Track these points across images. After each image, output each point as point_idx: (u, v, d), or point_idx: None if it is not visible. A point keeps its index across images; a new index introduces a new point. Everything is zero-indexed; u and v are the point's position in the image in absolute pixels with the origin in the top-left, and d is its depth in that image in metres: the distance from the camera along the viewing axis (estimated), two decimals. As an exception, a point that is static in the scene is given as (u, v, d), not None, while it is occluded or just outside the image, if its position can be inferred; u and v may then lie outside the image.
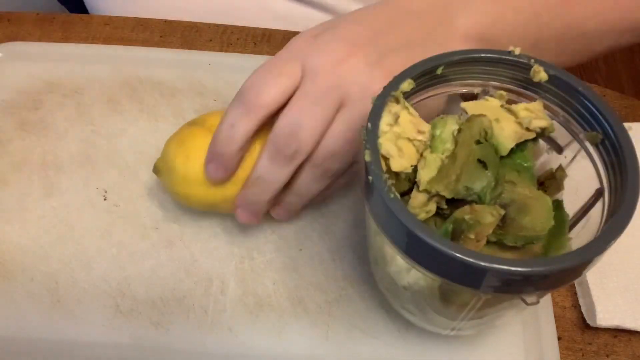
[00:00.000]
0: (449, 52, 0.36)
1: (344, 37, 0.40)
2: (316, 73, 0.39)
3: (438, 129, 0.36)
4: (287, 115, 0.39)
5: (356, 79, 0.39)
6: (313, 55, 0.40)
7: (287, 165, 0.40)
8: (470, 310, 0.35)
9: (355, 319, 0.44)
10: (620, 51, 1.52)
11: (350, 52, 0.39)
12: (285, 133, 0.39)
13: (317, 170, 0.41)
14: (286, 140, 0.39)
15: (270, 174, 0.40)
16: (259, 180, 0.41)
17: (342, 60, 0.39)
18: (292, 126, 0.39)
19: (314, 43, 0.40)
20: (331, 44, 0.40)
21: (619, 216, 0.30)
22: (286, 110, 0.39)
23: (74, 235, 0.46)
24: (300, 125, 0.39)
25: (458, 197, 0.35)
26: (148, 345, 0.42)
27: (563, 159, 0.38)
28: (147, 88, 0.54)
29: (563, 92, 0.36)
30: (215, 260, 0.46)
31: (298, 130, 0.39)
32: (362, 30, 0.41)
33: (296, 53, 0.40)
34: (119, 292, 0.44)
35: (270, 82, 0.39)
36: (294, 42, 0.41)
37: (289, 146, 0.39)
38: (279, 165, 0.40)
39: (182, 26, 0.60)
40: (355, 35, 0.40)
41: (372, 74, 0.39)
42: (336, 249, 0.46)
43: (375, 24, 0.41)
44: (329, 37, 0.40)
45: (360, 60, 0.39)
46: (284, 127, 0.39)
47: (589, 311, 0.44)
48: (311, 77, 0.39)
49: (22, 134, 0.51)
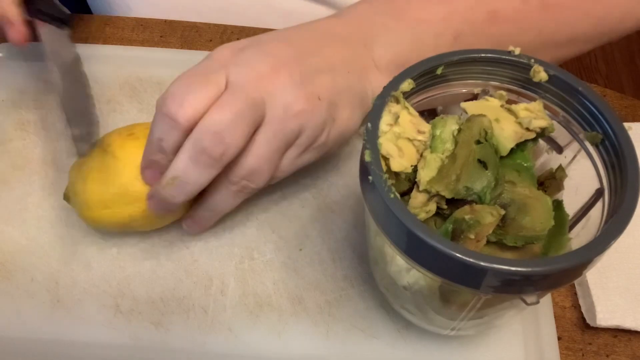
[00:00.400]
0: (449, 52, 0.36)
1: (270, 53, 0.40)
2: (241, 85, 0.38)
3: (438, 129, 0.36)
4: (213, 117, 0.37)
5: (279, 98, 0.38)
6: (238, 66, 0.38)
7: (209, 167, 0.38)
8: (470, 310, 0.35)
9: (355, 319, 0.44)
10: (620, 51, 1.53)
11: (274, 69, 0.39)
12: (211, 132, 0.37)
13: (233, 187, 0.40)
14: (212, 140, 0.37)
15: (190, 176, 0.38)
16: (176, 181, 0.38)
17: (266, 76, 0.38)
18: (218, 127, 0.37)
19: (239, 55, 0.39)
20: (256, 57, 0.39)
21: (619, 216, 0.30)
22: (211, 112, 0.37)
23: (74, 235, 0.46)
24: (226, 130, 0.37)
25: (458, 197, 0.35)
26: (148, 345, 0.42)
27: (563, 159, 0.38)
28: (147, 88, 0.54)
29: (563, 92, 0.36)
30: (215, 260, 0.46)
31: (224, 133, 0.37)
32: (288, 49, 0.40)
33: (221, 63, 0.39)
34: (119, 292, 0.44)
35: (195, 91, 0.37)
36: (218, 52, 0.40)
37: (215, 147, 0.37)
38: (201, 167, 0.38)
39: (182, 26, 0.60)
40: (281, 53, 0.40)
41: (296, 93, 0.39)
42: (336, 249, 0.46)
43: (300, 44, 0.41)
44: (254, 51, 0.39)
45: (285, 78, 0.39)
46: (210, 126, 0.37)
47: (589, 311, 0.44)
48: (235, 88, 0.38)
49: (22, 134, 0.52)
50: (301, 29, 0.43)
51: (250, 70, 0.38)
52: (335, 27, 0.43)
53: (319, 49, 0.41)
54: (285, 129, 0.39)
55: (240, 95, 0.37)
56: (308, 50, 0.41)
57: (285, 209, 0.48)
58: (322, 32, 0.43)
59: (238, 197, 0.42)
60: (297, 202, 0.48)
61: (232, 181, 0.40)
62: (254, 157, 0.39)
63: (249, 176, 0.40)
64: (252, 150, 0.39)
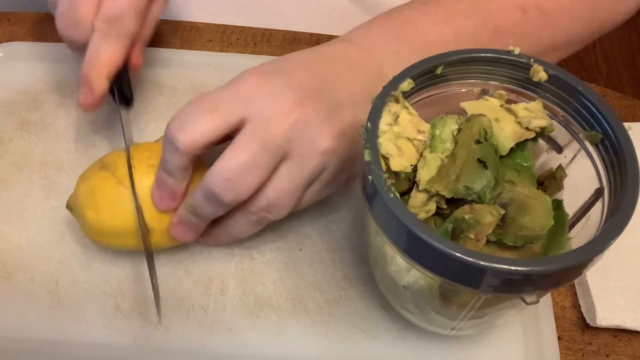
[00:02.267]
0: (449, 52, 0.36)
1: (294, 84, 0.39)
2: (265, 119, 0.37)
3: (438, 128, 0.36)
4: (228, 160, 0.37)
5: (305, 135, 0.38)
6: (263, 99, 0.38)
7: (221, 207, 0.39)
8: (470, 310, 0.35)
9: (355, 318, 0.44)
10: (621, 51, 1.53)
11: (300, 103, 0.38)
12: (222, 178, 0.37)
13: (252, 217, 0.40)
14: (223, 186, 0.37)
15: (204, 210, 0.39)
16: (192, 209, 0.40)
17: (292, 112, 0.37)
18: (232, 173, 0.37)
19: (263, 84, 0.38)
20: (283, 91, 0.38)
21: (619, 216, 0.30)
22: (228, 153, 0.37)
23: (74, 235, 0.46)
24: (241, 174, 0.37)
25: (458, 196, 0.35)
26: (148, 345, 0.42)
27: (563, 159, 0.38)
28: (147, 88, 0.54)
29: (563, 91, 0.36)
30: (215, 260, 0.46)
31: (235, 180, 0.37)
32: (311, 79, 0.39)
33: (243, 93, 0.38)
34: (119, 292, 0.44)
35: (198, 119, 0.37)
36: (243, 79, 0.39)
37: (226, 193, 0.37)
38: (215, 205, 0.39)
39: (182, 26, 0.60)
40: (306, 83, 0.39)
41: (321, 130, 0.38)
42: (336, 249, 0.46)
43: (321, 73, 0.40)
44: (280, 84, 0.38)
45: (311, 114, 0.38)
46: (223, 172, 0.37)
47: (589, 311, 0.44)
48: (259, 122, 0.37)
49: (22, 134, 0.52)
50: (318, 55, 0.42)
51: (276, 105, 0.38)
52: (348, 52, 0.43)
53: (340, 79, 0.41)
54: (310, 166, 0.38)
55: (260, 135, 0.37)
56: (328, 80, 0.40)
57: (285, 209, 0.48)
58: (340, 59, 0.42)
59: (255, 226, 0.42)
60: (297, 202, 0.48)
61: (251, 211, 0.40)
62: (275, 190, 0.39)
63: (268, 208, 0.39)
64: (274, 184, 0.38)
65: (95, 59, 0.45)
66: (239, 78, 0.40)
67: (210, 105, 0.38)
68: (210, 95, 0.39)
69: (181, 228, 0.42)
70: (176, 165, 0.39)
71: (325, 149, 0.38)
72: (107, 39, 0.45)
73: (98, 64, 0.45)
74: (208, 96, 0.39)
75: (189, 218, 0.41)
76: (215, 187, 0.37)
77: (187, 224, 0.41)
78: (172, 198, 0.41)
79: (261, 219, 0.40)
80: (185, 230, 0.42)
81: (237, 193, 0.37)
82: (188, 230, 0.42)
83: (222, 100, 0.38)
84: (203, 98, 0.38)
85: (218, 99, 0.38)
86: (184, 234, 0.42)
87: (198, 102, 0.38)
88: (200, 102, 0.38)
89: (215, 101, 0.38)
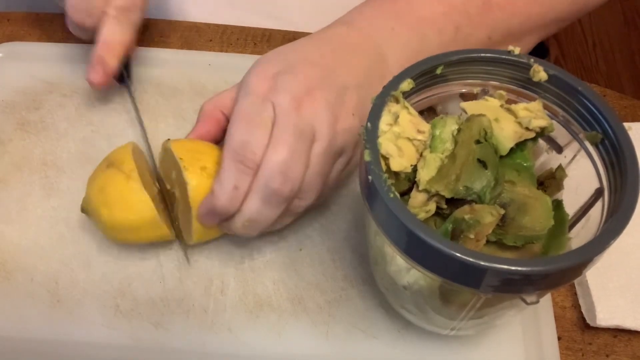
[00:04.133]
0: (449, 52, 0.36)
1: (302, 77, 0.41)
2: (286, 117, 0.39)
3: (438, 128, 0.36)
4: (273, 158, 0.39)
5: (322, 118, 0.40)
6: (279, 96, 0.40)
7: (281, 204, 0.40)
8: (470, 310, 0.35)
9: (355, 318, 0.44)
10: (621, 51, 1.53)
11: (310, 93, 0.40)
12: (277, 173, 0.39)
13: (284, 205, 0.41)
14: (280, 180, 0.39)
15: (265, 216, 0.40)
16: (251, 223, 0.41)
17: (305, 102, 0.40)
18: (282, 167, 0.39)
19: (276, 83, 0.41)
20: (292, 83, 0.41)
21: (619, 216, 0.30)
22: (269, 154, 0.39)
23: (74, 235, 0.46)
24: (289, 168, 0.39)
25: (458, 196, 0.35)
26: (148, 345, 0.42)
27: (563, 159, 0.38)
28: (147, 88, 0.54)
29: (563, 91, 0.36)
30: (215, 260, 0.46)
31: (288, 171, 0.39)
32: (316, 69, 0.42)
33: (264, 95, 0.40)
34: (119, 292, 0.44)
35: (260, 135, 0.39)
36: (253, 83, 0.41)
37: (284, 186, 0.39)
38: (274, 206, 0.40)
39: (182, 26, 0.60)
40: (312, 74, 0.41)
41: (334, 113, 0.41)
42: (336, 249, 0.46)
43: (324, 62, 0.43)
44: (288, 78, 0.41)
45: (322, 101, 0.40)
46: (275, 167, 0.39)
47: (589, 311, 0.44)
48: (283, 122, 0.39)
49: (22, 134, 0.52)
50: (319, 42, 0.44)
51: (290, 100, 0.40)
52: (348, 37, 0.45)
53: (342, 65, 0.43)
54: (331, 146, 0.41)
55: (289, 128, 0.39)
56: (332, 68, 0.42)
57: (285, 209, 0.48)
58: (338, 45, 0.44)
59: (287, 217, 0.43)
60: (297, 202, 0.48)
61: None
62: (311, 174, 0.40)
63: (301, 193, 0.41)
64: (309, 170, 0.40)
65: (110, 42, 0.50)
66: (250, 83, 0.41)
67: (257, 119, 0.40)
68: (246, 112, 0.40)
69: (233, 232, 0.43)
70: (247, 187, 0.40)
71: (344, 128, 0.41)
72: (120, 25, 0.50)
73: (113, 46, 0.50)
74: (245, 113, 0.40)
75: (245, 234, 0.42)
76: (275, 184, 0.39)
77: (242, 236, 0.43)
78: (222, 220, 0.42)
79: (295, 208, 0.42)
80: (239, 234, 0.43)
81: (293, 182, 0.39)
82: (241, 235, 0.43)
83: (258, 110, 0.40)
84: (245, 116, 0.40)
85: (255, 111, 0.40)
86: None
87: (247, 123, 0.40)
88: (249, 121, 0.40)
89: (256, 113, 0.40)
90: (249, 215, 0.40)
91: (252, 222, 0.41)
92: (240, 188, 0.40)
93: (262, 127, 0.40)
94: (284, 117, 0.40)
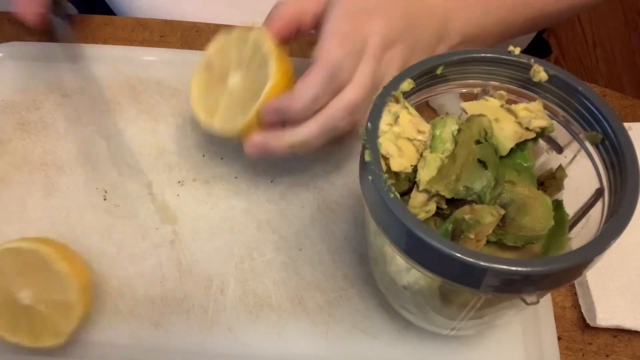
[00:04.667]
0: (449, 52, 0.36)
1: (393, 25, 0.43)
2: (374, 57, 0.41)
3: (438, 129, 0.36)
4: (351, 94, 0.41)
5: (392, 73, 0.41)
6: (374, 37, 0.42)
7: (331, 137, 0.42)
8: (470, 310, 0.35)
9: (355, 318, 0.44)
10: (621, 51, 1.53)
11: (394, 45, 0.43)
12: (346, 112, 0.41)
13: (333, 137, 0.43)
14: (346, 120, 0.41)
15: (317, 142, 0.42)
16: (301, 145, 0.42)
17: (388, 50, 0.42)
18: (353, 108, 0.41)
19: (373, 20, 0.42)
20: (385, 29, 0.42)
21: (619, 216, 0.30)
22: (350, 88, 0.41)
23: (74, 235, 0.46)
24: (359, 107, 0.41)
25: (458, 197, 0.35)
26: (148, 345, 0.42)
27: (563, 159, 0.38)
28: (147, 88, 0.54)
29: (563, 92, 0.36)
30: (215, 260, 0.46)
31: (356, 111, 0.42)
32: (403, 22, 0.43)
33: (361, 26, 0.42)
34: (119, 292, 0.44)
35: (351, 63, 0.41)
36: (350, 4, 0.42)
37: (346, 126, 0.42)
38: (326, 137, 0.42)
39: (182, 26, 0.60)
40: (400, 25, 0.43)
41: (401, 70, 0.41)
42: (336, 249, 0.46)
43: (404, 17, 0.44)
44: (383, 23, 0.42)
45: (397, 54, 0.43)
46: (348, 106, 0.41)
47: (589, 311, 0.44)
48: (371, 59, 0.41)
49: (22, 134, 0.52)
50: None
51: (380, 45, 0.42)
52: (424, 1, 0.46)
53: (417, 23, 0.44)
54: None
55: (370, 72, 0.42)
56: (410, 24, 0.44)
57: (285, 209, 0.48)
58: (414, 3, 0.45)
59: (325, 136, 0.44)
60: (297, 202, 0.48)
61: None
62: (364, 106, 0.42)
63: (351, 134, 0.44)
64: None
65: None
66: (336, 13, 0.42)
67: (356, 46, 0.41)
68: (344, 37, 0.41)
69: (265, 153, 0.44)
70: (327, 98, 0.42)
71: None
72: None
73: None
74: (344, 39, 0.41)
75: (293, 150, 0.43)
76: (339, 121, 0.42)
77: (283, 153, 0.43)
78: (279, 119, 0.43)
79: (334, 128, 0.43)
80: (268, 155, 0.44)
81: (352, 124, 0.43)
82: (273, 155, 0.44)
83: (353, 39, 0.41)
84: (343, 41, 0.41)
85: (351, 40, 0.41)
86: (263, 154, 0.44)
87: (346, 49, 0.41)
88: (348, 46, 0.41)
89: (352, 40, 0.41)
90: (305, 137, 0.42)
91: (303, 144, 0.42)
92: (318, 101, 0.41)
93: (356, 56, 0.41)
94: (370, 59, 0.41)
